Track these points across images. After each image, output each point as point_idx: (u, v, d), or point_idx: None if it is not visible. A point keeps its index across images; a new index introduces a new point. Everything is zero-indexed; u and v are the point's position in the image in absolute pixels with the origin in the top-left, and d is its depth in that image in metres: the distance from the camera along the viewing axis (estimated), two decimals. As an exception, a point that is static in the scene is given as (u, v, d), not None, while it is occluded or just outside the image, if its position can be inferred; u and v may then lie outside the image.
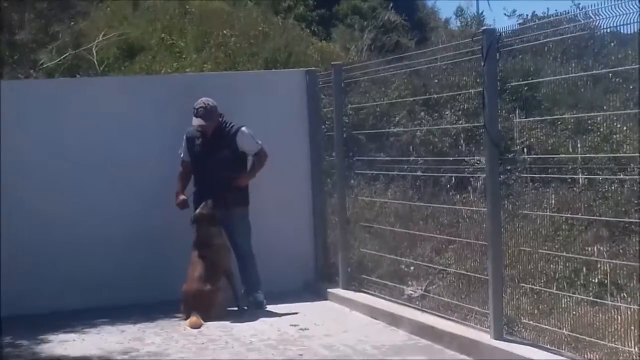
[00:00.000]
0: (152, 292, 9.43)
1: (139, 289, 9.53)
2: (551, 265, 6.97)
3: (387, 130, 9.50)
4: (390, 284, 8.78)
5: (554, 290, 6.77)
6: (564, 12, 6.66)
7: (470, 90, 8.24)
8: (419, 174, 8.96)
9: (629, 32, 5.84)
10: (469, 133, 9.18)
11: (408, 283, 8.64)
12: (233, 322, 8.65)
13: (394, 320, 8.23)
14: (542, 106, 8.22)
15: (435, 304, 8.03)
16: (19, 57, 16.38)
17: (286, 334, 8.15)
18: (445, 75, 8.79)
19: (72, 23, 17.63)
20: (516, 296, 7.03)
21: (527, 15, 16.36)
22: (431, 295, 8.23)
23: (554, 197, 7.53)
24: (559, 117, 7.87)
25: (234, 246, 9.21)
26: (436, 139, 9.45)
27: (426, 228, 8.52)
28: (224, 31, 17.80)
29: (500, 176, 7.00)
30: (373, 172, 9.38)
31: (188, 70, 16.09)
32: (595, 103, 7.14)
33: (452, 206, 8.34)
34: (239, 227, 9.14)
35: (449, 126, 9.20)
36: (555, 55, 6.88)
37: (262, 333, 8.21)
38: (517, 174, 7.34)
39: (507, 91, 7.33)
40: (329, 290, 9.59)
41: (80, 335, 8.50)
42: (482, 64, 6.93)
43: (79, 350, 7.90)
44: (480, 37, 7.00)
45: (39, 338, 8.39)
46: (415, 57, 8.96)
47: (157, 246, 9.59)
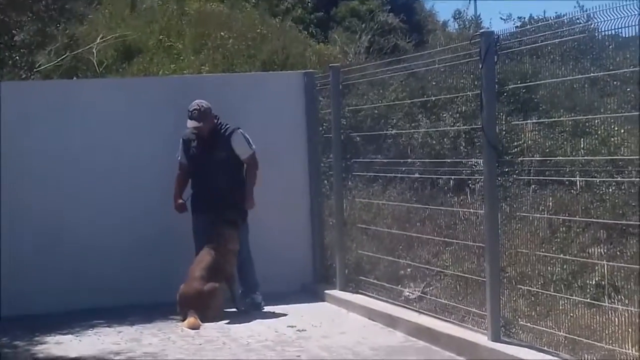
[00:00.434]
0: (150, 294, 9.43)
1: (136, 291, 9.53)
2: (548, 267, 6.97)
3: (385, 132, 9.50)
4: (387, 285, 8.78)
5: (552, 292, 6.77)
6: (562, 15, 6.67)
7: (468, 92, 8.22)
8: (417, 176, 8.95)
9: (628, 35, 5.85)
10: (466, 135, 9.17)
11: (405, 285, 8.64)
12: (230, 323, 8.64)
13: (391, 321, 8.23)
14: (540, 108, 8.21)
15: (432, 305, 8.03)
16: (17, 59, 16.37)
17: (284, 335, 8.15)
18: (443, 78, 8.79)
19: (70, 25, 17.62)
20: (513, 298, 7.03)
21: (525, 18, 16.40)
22: (428, 296, 8.23)
23: (551, 199, 7.53)
24: (556, 120, 7.86)
25: (232, 248, 9.21)
26: (434, 141, 9.44)
27: (424, 230, 8.51)
28: (222, 33, 17.82)
29: (498, 178, 7.01)
30: (371, 174, 9.37)
31: (186, 71, 16.10)
32: (593, 106, 7.14)
33: (450, 208, 8.34)
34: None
35: (447, 128, 9.19)
36: (553, 58, 6.88)
37: (260, 334, 8.21)
38: (515, 176, 7.33)
39: (505, 94, 7.33)
40: (326, 291, 9.59)
41: (77, 336, 8.49)
42: (480, 67, 6.94)
43: (75, 351, 7.89)
44: (478, 40, 7.01)
45: (36, 339, 8.38)
46: (413, 60, 8.97)
47: (156, 248, 9.59)
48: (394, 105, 9.70)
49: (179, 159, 9.30)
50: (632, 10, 5.65)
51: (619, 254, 6.96)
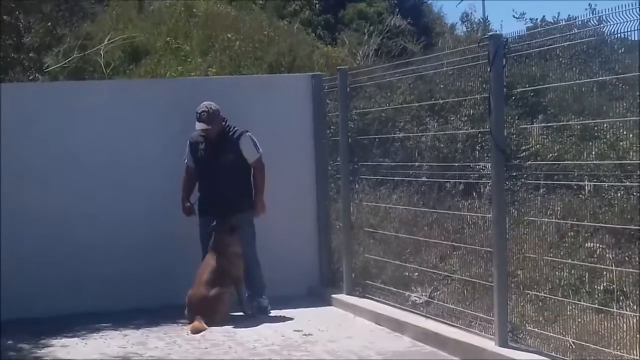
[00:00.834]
0: (156, 297, 9.43)
1: (142, 294, 9.53)
2: (556, 272, 6.94)
3: (393, 135, 9.48)
4: (394, 289, 8.77)
5: (559, 298, 6.75)
6: (572, 18, 6.65)
7: (476, 95, 8.20)
8: (424, 179, 8.93)
9: (638, 38, 5.82)
10: (474, 139, 9.15)
11: (412, 289, 8.62)
12: (237, 327, 8.64)
13: (398, 326, 8.22)
14: (549, 112, 8.18)
15: (439, 310, 8.01)
16: (25, 61, 16.39)
17: (290, 340, 8.13)
18: (451, 81, 8.77)
19: (78, 26, 17.65)
20: (521, 303, 7.01)
21: (537, 19, 16.34)
22: (436, 301, 8.21)
23: (559, 204, 7.50)
24: (565, 124, 7.83)
25: (239, 251, 9.20)
26: (441, 145, 9.41)
27: (431, 234, 8.49)
28: (229, 35, 17.82)
29: (506, 182, 6.99)
30: (378, 178, 9.36)
31: (193, 73, 16.11)
32: (602, 109, 7.11)
33: (457, 212, 8.32)
34: (244, 232, 9.11)
35: (455, 132, 9.16)
36: (562, 61, 6.85)
37: (266, 338, 8.20)
38: (523, 180, 7.30)
39: (513, 97, 7.30)
40: (333, 295, 9.57)
41: (83, 339, 8.50)
42: (489, 70, 6.94)
43: (81, 355, 7.90)
44: (486, 43, 7.00)
45: (41, 342, 8.40)
46: (421, 62, 8.96)
47: (161, 251, 9.60)
48: (401, 108, 9.67)
49: (186, 162, 9.29)
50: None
51: (627, 259, 6.93)
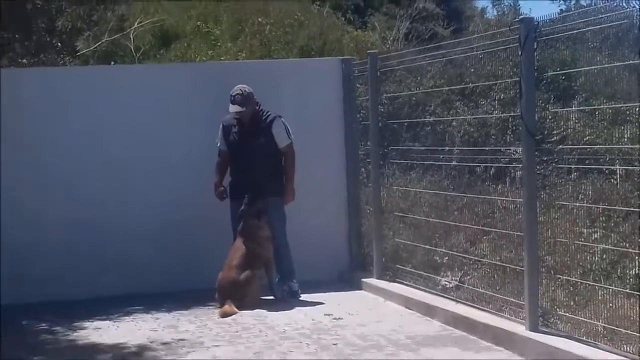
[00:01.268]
0: (187, 280, 9.48)
1: (174, 277, 9.59)
2: (587, 257, 6.91)
3: (423, 119, 9.45)
4: (424, 274, 8.76)
5: (590, 282, 6.72)
6: (605, 0, 6.60)
7: (507, 80, 8.17)
8: (454, 163, 8.91)
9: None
10: (505, 123, 9.11)
11: (442, 273, 8.61)
12: (267, 311, 8.67)
13: (428, 310, 8.22)
14: (580, 96, 8.14)
15: (470, 294, 8.00)
16: (58, 44, 16.46)
17: (320, 323, 8.15)
18: (481, 65, 8.73)
19: (113, 9, 17.69)
20: (552, 288, 6.99)
21: (571, 1, 16.24)
22: (466, 285, 8.20)
23: (590, 188, 7.46)
24: (596, 108, 7.79)
25: (269, 235, 9.23)
26: (472, 129, 9.38)
27: (461, 218, 8.48)
28: (259, 19, 17.81)
29: (537, 167, 6.97)
30: (408, 162, 9.34)
31: (223, 58, 16.12)
32: (634, 93, 7.06)
33: (488, 196, 8.29)
34: (274, 217, 9.14)
35: (485, 116, 9.13)
36: (594, 45, 6.81)
37: (296, 322, 8.22)
38: (554, 164, 7.27)
39: (544, 81, 7.26)
40: (363, 280, 9.59)
41: (115, 322, 8.56)
42: (520, 54, 6.91)
43: (113, 338, 7.94)
44: (517, 26, 6.97)
45: (75, 325, 8.46)
46: (452, 46, 8.92)
47: (192, 235, 9.64)
48: (431, 93, 9.64)
49: (219, 145, 9.30)
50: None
51: (659, 244, 6.89)
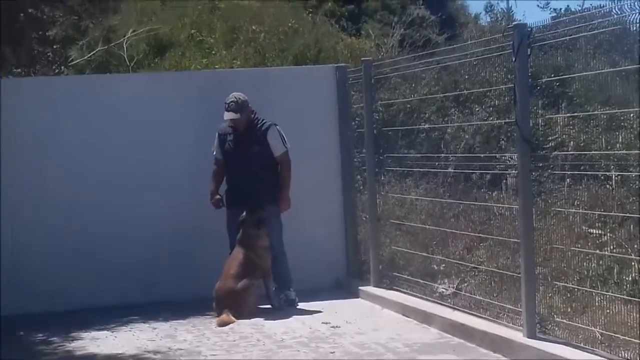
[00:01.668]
0: (184, 290, 9.48)
1: (171, 287, 9.59)
2: (584, 263, 6.93)
3: (418, 126, 9.47)
4: (421, 281, 8.77)
5: (587, 289, 6.74)
6: (597, 7, 6.61)
7: (501, 86, 8.20)
8: (450, 170, 8.93)
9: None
10: (500, 130, 9.13)
11: (440, 281, 8.62)
12: (265, 320, 8.67)
13: (425, 318, 8.22)
14: (574, 102, 8.16)
15: (467, 301, 8.01)
16: (50, 54, 16.47)
17: (318, 332, 8.15)
18: (475, 71, 8.76)
19: (102, 19, 17.70)
20: (549, 294, 7.00)
21: (561, 9, 16.27)
22: (463, 293, 8.21)
23: (586, 194, 7.48)
24: (591, 113, 7.81)
25: (266, 244, 9.23)
26: (467, 136, 9.40)
27: (457, 225, 8.49)
28: (253, 27, 17.81)
29: (532, 173, 6.98)
30: (404, 169, 9.35)
31: (217, 66, 16.11)
32: (628, 99, 7.08)
33: (484, 203, 8.31)
34: (271, 225, 9.14)
35: (480, 122, 9.15)
36: (587, 51, 6.83)
37: (294, 331, 8.22)
38: (549, 170, 7.29)
39: (539, 87, 7.28)
40: (360, 287, 9.59)
41: (113, 332, 8.55)
42: (513, 60, 6.92)
43: (111, 348, 7.94)
44: (511, 33, 6.98)
45: (71, 335, 8.45)
46: (446, 53, 8.95)
47: (188, 244, 9.64)
48: (426, 100, 9.67)
49: (214, 154, 9.32)
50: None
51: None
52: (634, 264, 6.73)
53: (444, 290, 8.47)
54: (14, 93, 9.61)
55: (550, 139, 8.13)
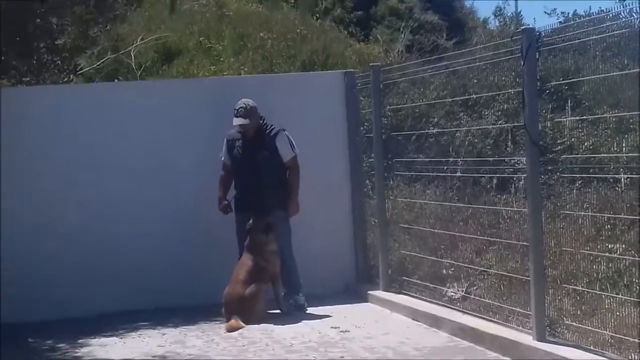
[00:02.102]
0: (193, 295, 9.50)
1: (180, 293, 9.60)
2: (593, 266, 6.92)
3: (426, 131, 9.48)
4: (431, 285, 8.78)
5: (597, 291, 6.73)
6: (605, 10, 6.62)
7: (510, 90, 8.20)
8: (459, 174, 8.93)
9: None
10: (509, 133, 9.13)
11: (449, 284, 8.62)
12: (274, 325, 8.68)
13: (435, 321, 8.23)
14: (583, 105, 8.16)
15: (476, 305, 8.01)
16: (59, 62, 16.53)
17: (327, 336, 8.17)
18: (484, 76, 8.76)
19: (113, 26, 17.77)
20: (558, 297, 7.00)
21: (569, 13, 16.26)
22: (472, 296, 8.21)
23: (595, 197, 7.47)
24: (600, 117, 7.81)
25: (275, 249, 9.24)
26: (476, 140, 9.40)
27: (466, 229, 8.49)
28: (261, 34, 17.83)
29: (541, 176, 6.98)
30: (412, 174, 9.36)
31: (226, 73, 16.13)
32: (637, 102, 7.08)
33: (493, 207, 8.31)
34: (280, 231, 9.15)
35: (489, 126, 9.14)
36: (595, 54, 6.83)
37: (303, 335, 8.23)
38: (558, 174, 7.29)
39: (547, 91, 7.29)
40: (369, 292, 9.60)
41: (121, 338, 8.58)
42: (522, 64, 6.93)
43: (120, 354, 7.97)
44: (519, 37, 7.00)
45: (80, 342, 8.47)
46: (454, 58, 8.96)
47: (197, 250, 9.66)
48: (435, 104, 9.67)
49: (222, 159, 9.34)
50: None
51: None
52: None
53: (453, 294, 8.47)
54: (19, 101, 9.67)
55: (559, 142, 8.12)
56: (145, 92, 10.32)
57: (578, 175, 7.47)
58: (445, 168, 9.05)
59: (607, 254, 6.89)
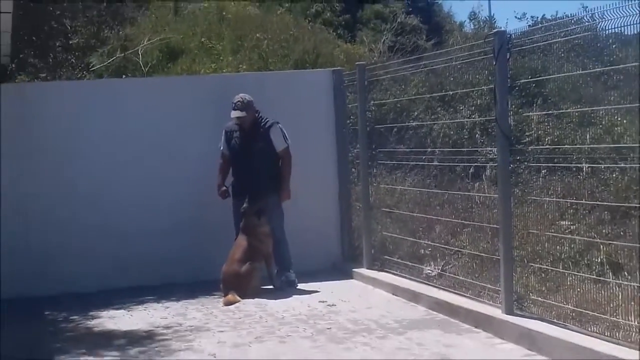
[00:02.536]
0: (193, 272, 9.51)
1: (181, 270, 9.61)
2: (557, 247, 6.95)
3: (407, 124, 9.49)
4: (410, 264, 8.79)
5: (560, 270, 6.75)
6: (570, 15, 6.64)
7: (483, 87, 8.21)
8: (436, 163, 8.94)
9: (630, 33, 5.80)
10: (481, 126, 9.15)
11: (426, 263, 8.64)
12: (267, 299, 8.68)
13: (413, 296, 8.24)
14: (549, 101, 8.18)
15: (451, 282, 8.03)
16: (73, 61, 16.52)
17: (315, 310, 8.17)
18: (460, 74, 8.77)
19: (120, 29, 17.77)
20: (525, 275, 7.03)
21: (537, 17, 16.24)
22: (447, 274, 8.22)
23: (559, 185, 7.50)
24: (564, 111, 7.83)
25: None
26: (451, 132, 9.42)
27: (442, 213, 8.51)
28: (258, 35, 17.78)
29: (510, 165, 6.99)
30: (394, 162, 9.37)
31: (225, 70, 16.09)
32: (598, 98, 7.10)
33: (467, 193, 8.32)
34: (273, 214, 9.15)
35: (464, 120, 9.16)
36: (561, 55, 6.85)
37: (294, 309, 8.24)
38: (526, 163, 7.31)
39: (517, 88, 7.30)
40: (354, 269, 9.61)
41: (129, 311, 8.57)
42: (494, 63, 6.92)
43: (127, 325, 7.96)
44: (492, 39, 6.99)
45: (91, 314, 8.46)
46: (433, 57, 8.96)
47: (198, 232, 9.66)
48: (415, 100, 9.68)
49: (221, 149, 9.33)
50: (633, 10, 5.61)
51: (622, 233, 6.93)
52: (602, 247, 6.75)
53: (430, 271, 8.48)
54: (39, 96, 9.66)
55: (527, 134, 8.17)
56: (152, 88, 10.29)
57: (544, 165, 7.50)
58: (424, 157, 9.07)
59: (569, 236, 6.91)
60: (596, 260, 6.81)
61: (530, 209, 7.07)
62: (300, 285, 9.21)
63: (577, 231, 7.04)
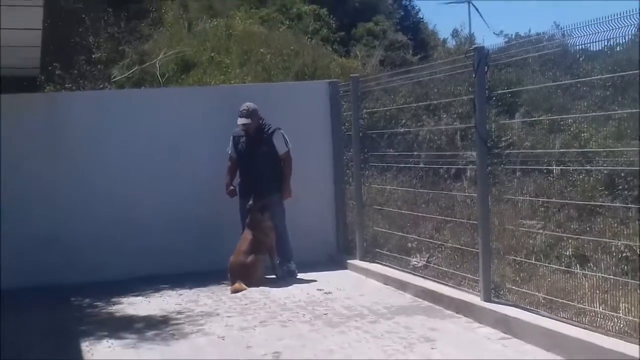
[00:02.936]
0: (204, 263, 9.50)
1: (193, 260, 9.60)
2: (530, 241, 6.96)
3: (396, 130, 9.49)
4: (398, 256, 8.78)
5: (533, 261, 6.76)
6: (542, 33, 6.64)
7: (464, 97, 8.22)
8: (422, 166, 8.95)
9: (596, 49, 5.81)
10: (462, 132, 9.17)
11: (413, 255, 8.63)
12: (270, 287, 8.67)
13: (401, 285, 8.24)
14: (523, 110, 8.20)
15: (435, 272, 8.02)
16: (96, 73, 16.54)
17: (314, 297, 8.17)
18: (443, 85, 8.79)
19: (138, 44, 17.78)
20: (502, 266, 7.02)
21: (512, 35, 16.30)
22: (432, 265, 8.22)
23: (532, 185, 7.51)
24: (536, 119, 7.84)
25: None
26: (436, 137, 9.44)
27: (427, 210, 8.51)
28: (262, 50, 17.80)
29: (488, 167, 6.99)
30: (384, 165, 9.37)
31: (233, 82, 16.11)
32: (567, 107, 7.12)
33: (449, 192, 8.33)
34: (276, 211, 9.14)
35: (446, 127, 9.17)
36: (534, 69, 6.86)
37: (294, 296, 8.23)
38: (502, 166, 7.32)
39: (494, 98, 7.31)
40: (348, 261, 9.60)
41: (146, 298, 8.56)
42: (474, 76, 6.90)
43: (145, 310, 7.96)
44: (472, 54, 6.98)
45: (112, 300, 8.46)
46: (419, 71, 8.96)
47: (209, 226, 9.64)
48: (403, 108, 9.70)
49: (229, 152, 9.32)
50: (598, 28, 5.62)
51: (588, 229, 6.95)
52: (570, 241, 6.77)
53: (416, 263, 8.48)
54: (72, 103, 9.71)
55: (503, 139, 8.18)
56: (168, 97, 10.29)
57: (518, 167, 7.52)
58: (411, 160, 9.07)
59: (541, 231, 6.92)
60: (565, 253, 6.82)
61: (506, 206, 7.08)
62: (300, 275, 9.20)
63: (548, 227, 7.05)
